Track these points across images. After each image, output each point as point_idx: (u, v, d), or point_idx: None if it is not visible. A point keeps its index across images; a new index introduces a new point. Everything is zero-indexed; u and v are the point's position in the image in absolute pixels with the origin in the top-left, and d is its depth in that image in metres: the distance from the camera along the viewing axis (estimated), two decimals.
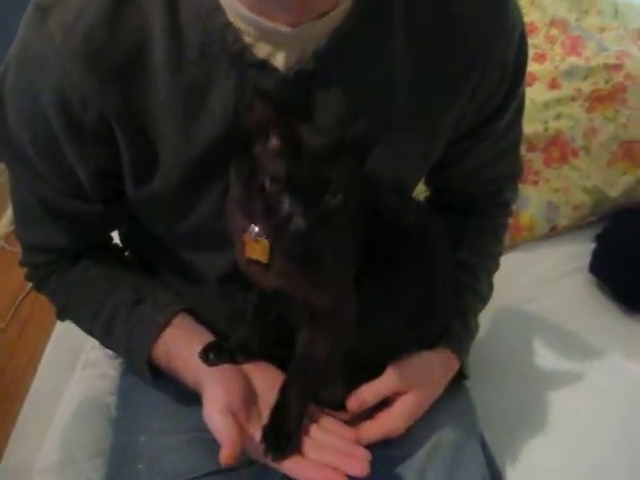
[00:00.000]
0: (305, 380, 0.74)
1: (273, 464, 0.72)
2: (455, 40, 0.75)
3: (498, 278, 1.01)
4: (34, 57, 0.70)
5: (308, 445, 0.74)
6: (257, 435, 0.72)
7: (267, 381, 0.79)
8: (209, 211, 0.76)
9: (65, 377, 1.17)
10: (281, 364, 0.81)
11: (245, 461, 0.79)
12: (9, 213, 2.01)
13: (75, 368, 1.18)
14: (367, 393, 0.80)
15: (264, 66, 0.69)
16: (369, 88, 0.73)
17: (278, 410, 0.73)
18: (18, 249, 0.89)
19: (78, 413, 1.11)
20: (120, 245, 0.98)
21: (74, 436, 1.09)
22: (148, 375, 0.85)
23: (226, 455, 0.67)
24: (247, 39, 0.68)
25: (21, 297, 1.69)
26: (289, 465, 0.71)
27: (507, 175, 0.99)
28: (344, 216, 0.63)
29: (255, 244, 0.68)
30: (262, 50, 0.69)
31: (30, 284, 0.94)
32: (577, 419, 1.09)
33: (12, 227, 1.91)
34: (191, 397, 0.81)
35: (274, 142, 0.61)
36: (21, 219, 0.86)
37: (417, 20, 0.73)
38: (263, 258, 0.68)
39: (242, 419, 0.73)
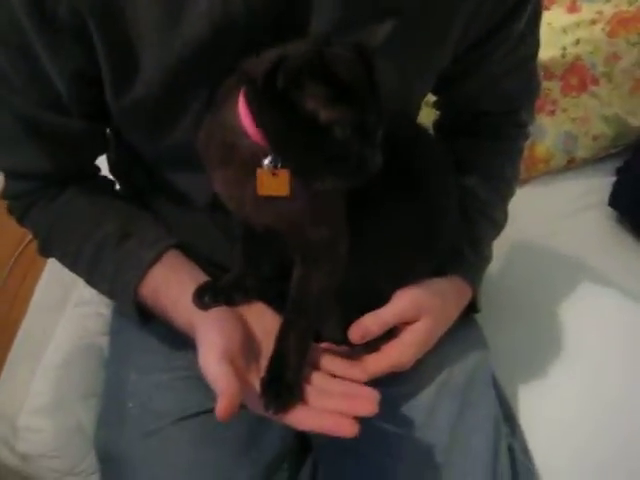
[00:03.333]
0: (302, 323, 0.68)
1: (275, 417, 0.65)
2: None
3: (512, 212, 0.95)
4: None
5: (311, 393, 0.67)
6: (256, 386, 0.67)
7: (265, 326, 0.73)
8: (196, 122, 0.69)
9: (56, 316, 1.12)
10: (280, 302, 0.74)
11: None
12: None
13: (66, 306, 1.14)
14: (370, 321, 0.74)
15: None
16: None
17: (276, 359, 0.67)
18: None
19: (69, 353, 1.07)
20: (110, 178, 0.92)
21: (65, 377, 1.05)
22: (135, 316, 0.79)
23: (223, 409, 0.60)
24: None
25: (23, 245, 1.60)
26: (292, 417, 0.65)
27: (523, 91, 0.92)
28: None
29: (272, 178, 0.61)
30: None
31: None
32: (592, 355, 1.03)
33: None
34: (184, 334, 0.76)
35: (321, 89, 0.55)
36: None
37: None
38: (283, 191, 0.62)
39: (241, 367, 0.67)
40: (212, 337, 0.68)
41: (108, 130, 0.83)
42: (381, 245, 0.72)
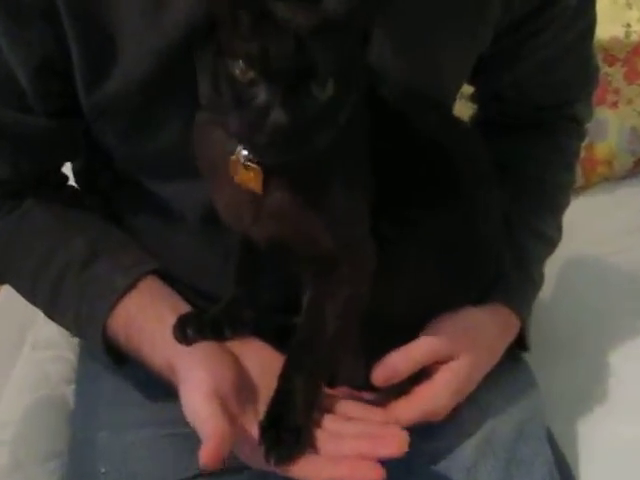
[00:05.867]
0: (313, 357, 0.70)
1: (278, 470, 0.66)
2: None
3: (568, 226, 0.99)
4: None
5: (322, 438, 0.67)
6: (253, 433, 0.67)
7: (263, 364, 0.75)
8: (185, 123, 0.72)
9: (9, 361, 1.14)
10: (281, 340, 0.76)
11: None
12: None
13: (22, 349, 1.16)
14: (398, 360, 0.75)
15: None
16: None
17: (279, 399, 0.68)
18: None
19: (27, 406, 1.07)
20: (76, 188, 0.95)
21: (22, 434, 1.05)
22: (104, 355, 0.81)
23: (209, 452, 0.61)
24: None
25: None
26: (299, 468, 0.65)
27: (578, 79, 0.96)
28: (340, 113, 0.62)
29: (245, 170, 0.65)
30: None
31: None
32: None
33: None
34: (163, 379, 0.77)
35: (243, 20, 0.59)
36: None
37: None
38: (256, 186, 0.66)
39: (234, 410, 0.68)
40: (198, 374, 0.69)
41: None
42: (413, 264, 0.75)
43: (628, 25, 1.38)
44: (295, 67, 0.58)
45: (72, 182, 0.94)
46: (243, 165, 0.65)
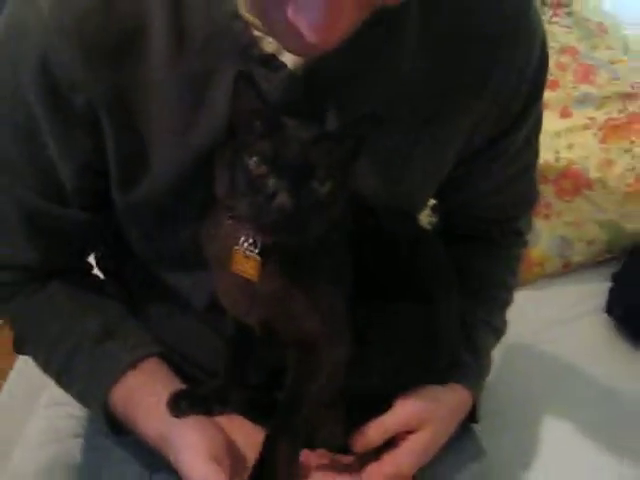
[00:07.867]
0: (295, 428, 0.78)
1: None
2: (475, 43, 0.81)
3: (508, 316, 1.10)
4: (16, 28, 0.74)
5: None
6: None
7: (248, 438, 0.83)
8: (199, 223, 0.81)
9: (26, 418, 1.20)
10: (264, 416, 0.83)
11: None
12: None
13: (37, 407, 1.21)
14: (373, 430, 0.84)
15: (272, 61, 0.76)
16: (377, 91, 0.80)
17: (263, 466, 0.75)
18: None
19: (37, 461, 1.11)
20: (99, 276, 1.03)
21: None
22: (105, 424, 0.88)
23: None
24: (255, 32, 0.75)
25: None
26: None
27: (522, 201, 1.09)
28: (333, 210, 0.72)
29: (245, 260, 0.74)
30: (270, 45, 0.76)
31: None
32: (595, 469, 1.19)
33: None
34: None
35: (258, 125, 0.70)
36: None
37: (434, 27, 0.80)
38: (253, 274, 0.74)
39: (226, 472, 0.75)
40: (194, 439, 0.76)
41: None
42: (384, 350, 0.83)
43: (557, 152, 1.59)
44: (299, 166, 0.68)
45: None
46: (244, 255, 0.74)
